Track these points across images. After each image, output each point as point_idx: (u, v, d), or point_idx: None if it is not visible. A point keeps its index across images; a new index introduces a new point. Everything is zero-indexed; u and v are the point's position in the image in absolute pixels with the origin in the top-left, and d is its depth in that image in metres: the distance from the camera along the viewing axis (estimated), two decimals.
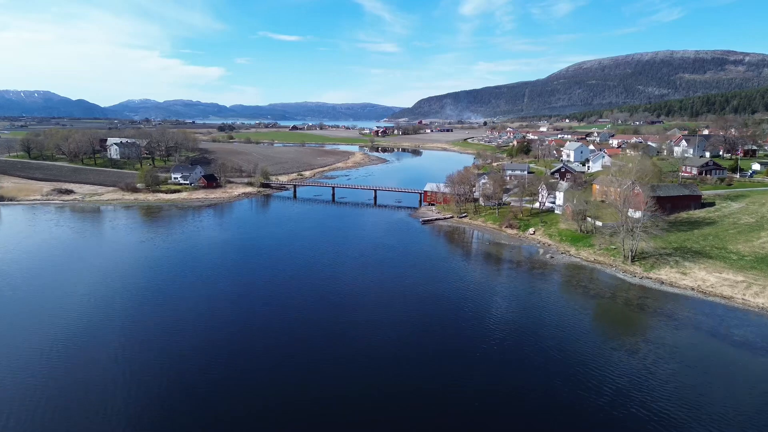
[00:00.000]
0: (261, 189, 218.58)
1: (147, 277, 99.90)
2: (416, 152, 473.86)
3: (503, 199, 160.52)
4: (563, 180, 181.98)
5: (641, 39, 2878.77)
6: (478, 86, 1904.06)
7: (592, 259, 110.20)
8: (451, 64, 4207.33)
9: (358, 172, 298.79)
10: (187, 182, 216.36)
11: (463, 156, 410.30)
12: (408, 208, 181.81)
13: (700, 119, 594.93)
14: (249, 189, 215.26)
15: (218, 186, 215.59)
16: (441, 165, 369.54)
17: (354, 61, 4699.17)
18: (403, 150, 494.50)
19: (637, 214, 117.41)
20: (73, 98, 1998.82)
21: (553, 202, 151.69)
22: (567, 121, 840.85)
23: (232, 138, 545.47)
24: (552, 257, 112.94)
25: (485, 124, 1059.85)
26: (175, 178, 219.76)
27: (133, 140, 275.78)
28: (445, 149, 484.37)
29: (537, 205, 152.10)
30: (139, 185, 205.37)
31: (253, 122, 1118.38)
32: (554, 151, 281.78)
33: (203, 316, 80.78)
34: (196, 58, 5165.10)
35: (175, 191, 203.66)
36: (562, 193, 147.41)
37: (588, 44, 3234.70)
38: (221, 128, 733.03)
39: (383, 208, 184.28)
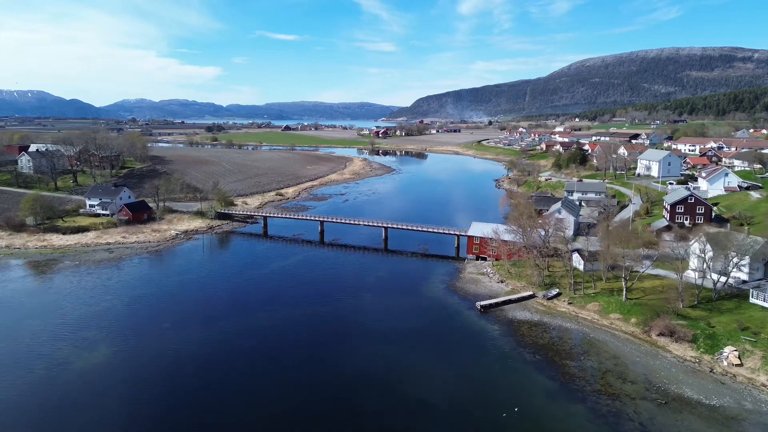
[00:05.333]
0: (216, 222, 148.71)
1: None
2: (422, 156, 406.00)
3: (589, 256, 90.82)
4: (688, 218, 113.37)
5: (640, 37, 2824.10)
6: (476, 85, 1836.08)
7: None
8: (449, 63, 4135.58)
9: (357, 186, 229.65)
10: (108, 212, 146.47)
11: (483, 162, 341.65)
12: (441, 259, 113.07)
13: (727, 117, 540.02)
14: (197, 223, 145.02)
15: (151, 218, 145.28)
16: (461, 172, 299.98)
17: (351, 60, 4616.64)
18: (407, 153, 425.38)
19: None
20: (67, 98, 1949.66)
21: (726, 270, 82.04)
22: (577, 120, 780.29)
23: (216, 140, 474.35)
24: None
25: (490, 123, 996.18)
26: (91, 207, 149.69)
27: (56, 147, 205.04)
28: (456, 153, 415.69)
29: (691, 274, 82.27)
30: (28, 220, 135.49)
31: (246, 122, 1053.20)
32: (613, 158, 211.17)
33: None
34: (193, 58, 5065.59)
35: (80, 229, 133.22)
36: (748, 259, 78.51)
37: (587, 43, 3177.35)
38: (209, 129, 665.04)
39: (400, 259, 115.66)
